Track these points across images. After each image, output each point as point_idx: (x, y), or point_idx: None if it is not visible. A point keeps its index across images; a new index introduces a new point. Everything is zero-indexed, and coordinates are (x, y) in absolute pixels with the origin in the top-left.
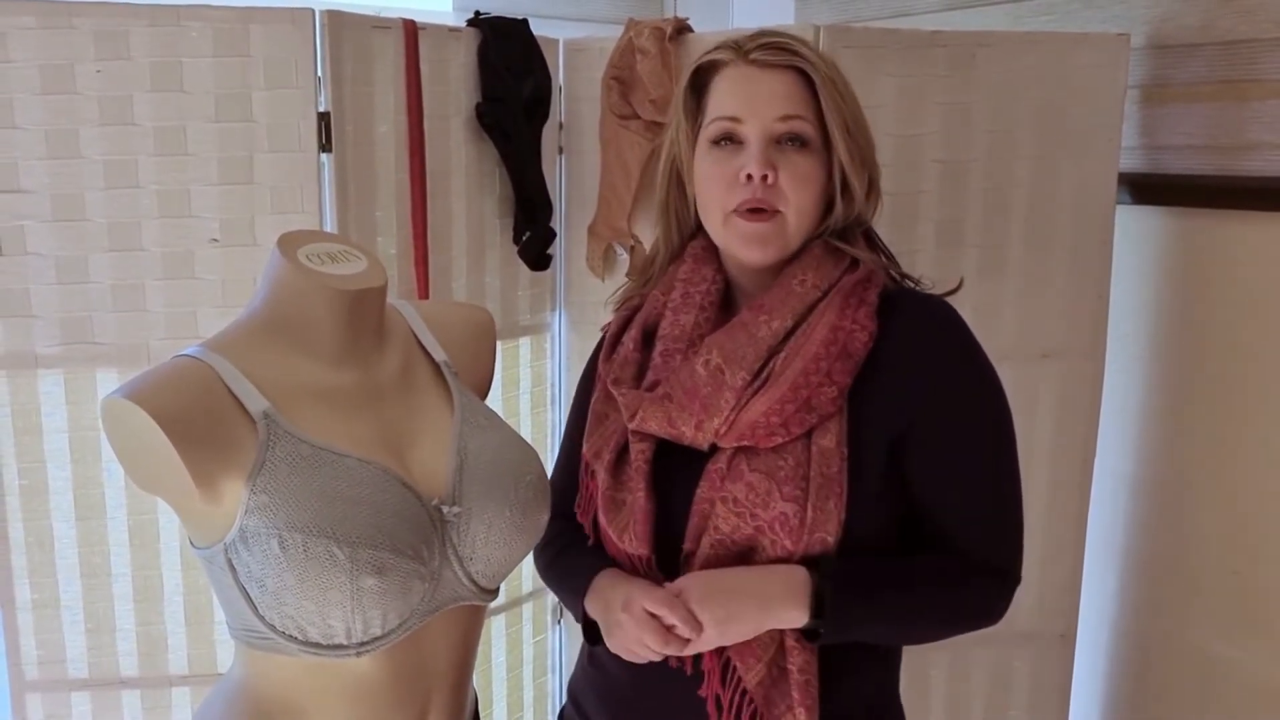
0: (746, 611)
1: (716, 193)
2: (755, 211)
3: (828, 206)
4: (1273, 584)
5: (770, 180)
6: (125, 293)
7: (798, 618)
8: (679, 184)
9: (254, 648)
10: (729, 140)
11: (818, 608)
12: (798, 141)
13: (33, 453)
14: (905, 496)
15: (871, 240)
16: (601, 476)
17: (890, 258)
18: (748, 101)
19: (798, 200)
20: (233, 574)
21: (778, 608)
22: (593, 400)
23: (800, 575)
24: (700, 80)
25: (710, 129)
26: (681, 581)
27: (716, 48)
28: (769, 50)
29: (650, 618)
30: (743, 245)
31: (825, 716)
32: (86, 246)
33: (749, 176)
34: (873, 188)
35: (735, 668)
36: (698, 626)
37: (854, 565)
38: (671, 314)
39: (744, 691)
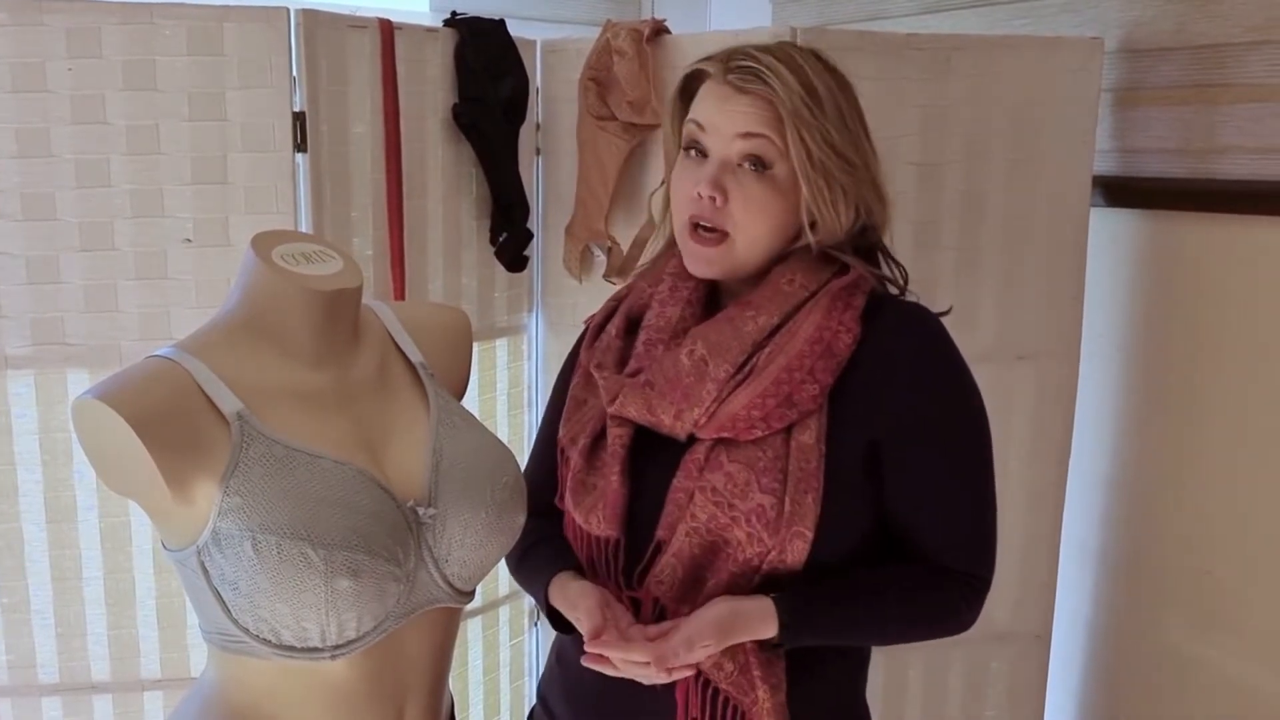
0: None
1: (678, 202)
2: (708, 231)
3: (800, 229)
4: (1245, 583)
5: (719, 203)
6: (97, 293)
7: (767, 633)
8: None
9: (227, 651)
10: (696, 149)
11: (780, 631)
12: (759, 166)
13: (2, 455)
14: (880, 500)
15: (872, 255)
16: (575, 460)
17: (904, 271)
18: (713, 117)
19: (747, 225)
20: (205, 576)
21: (748, 636)
22: (572, 386)
23: (766, 611)
24: (689, 87)
25: (685, 130)
26: (668, 643)
27: (706, 57)
28: (744, 75)
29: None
30: (690, 261)
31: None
32: (58, 246)
33: (699, 195)
34: (859, 215)
35: (703, 671)
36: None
37: (815, 590)
38: (658, 305)
39: (707, 682)
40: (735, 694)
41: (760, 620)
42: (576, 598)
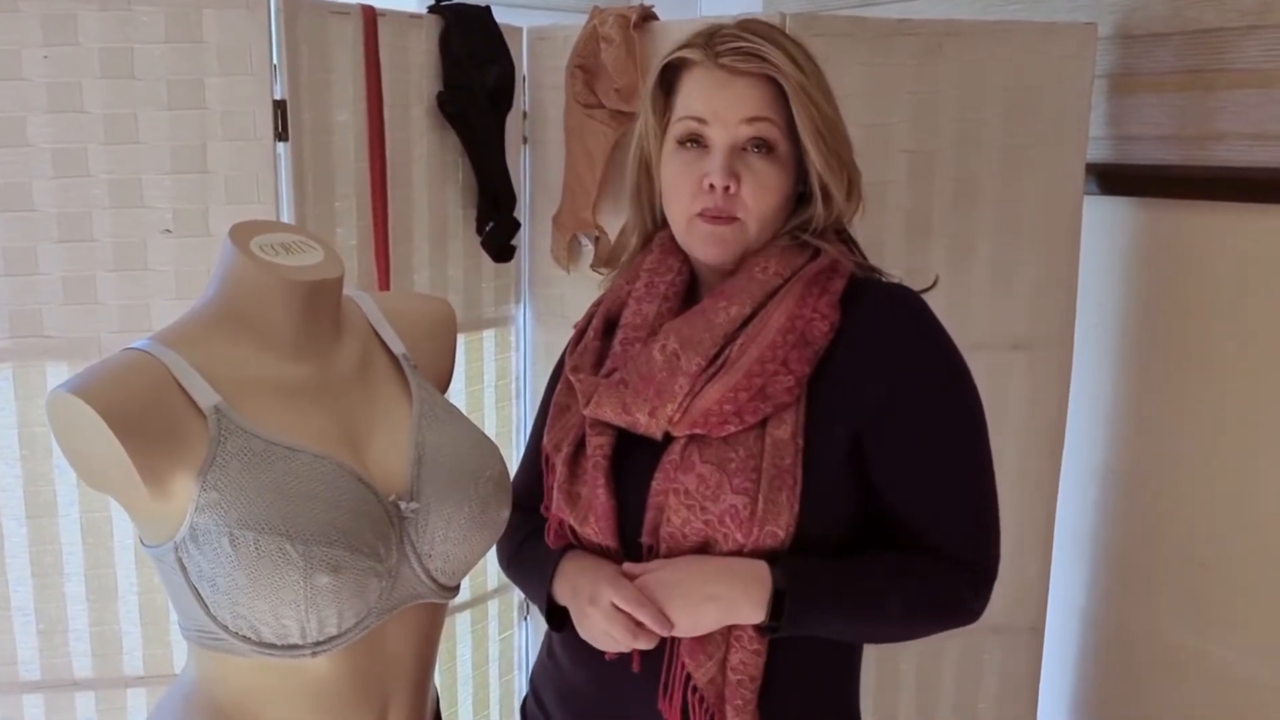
0: (709, 613)
1: (681, 196)
2: (716, 218)
3: (798, 204)
4: (1239, 575)
5: (732, 190)
6: (76, 285)
7: (754, 615)
8: (649, 174)
9: (207, 648)
10: (694, 142)
11: (776, 606)
12: (764, 147)
13: None
14: (870, 491)
15: (842, 238)
16: (559, 469)
17: (861, 254)
18: (714, 105)
19: (759, 209)
20: (183, 573)
21: (738, 607)
22: (555, 392)
23: (760, 571)
24: (669, 77)
25: (676, 127)
26: (645, 576)
27: (686, 44)
28: (739, 56)
29: (618, 612)
30: (702, 245)
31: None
32: (35, 237)
33: (711, 185)
34: (853, 190)
35: (684, 664)
36: (667, 624)
37: (816, 563)
38: (634, 303)
39: (695, 688)
40: (719, 707)
41: (752, 580)
42: (598, 575)
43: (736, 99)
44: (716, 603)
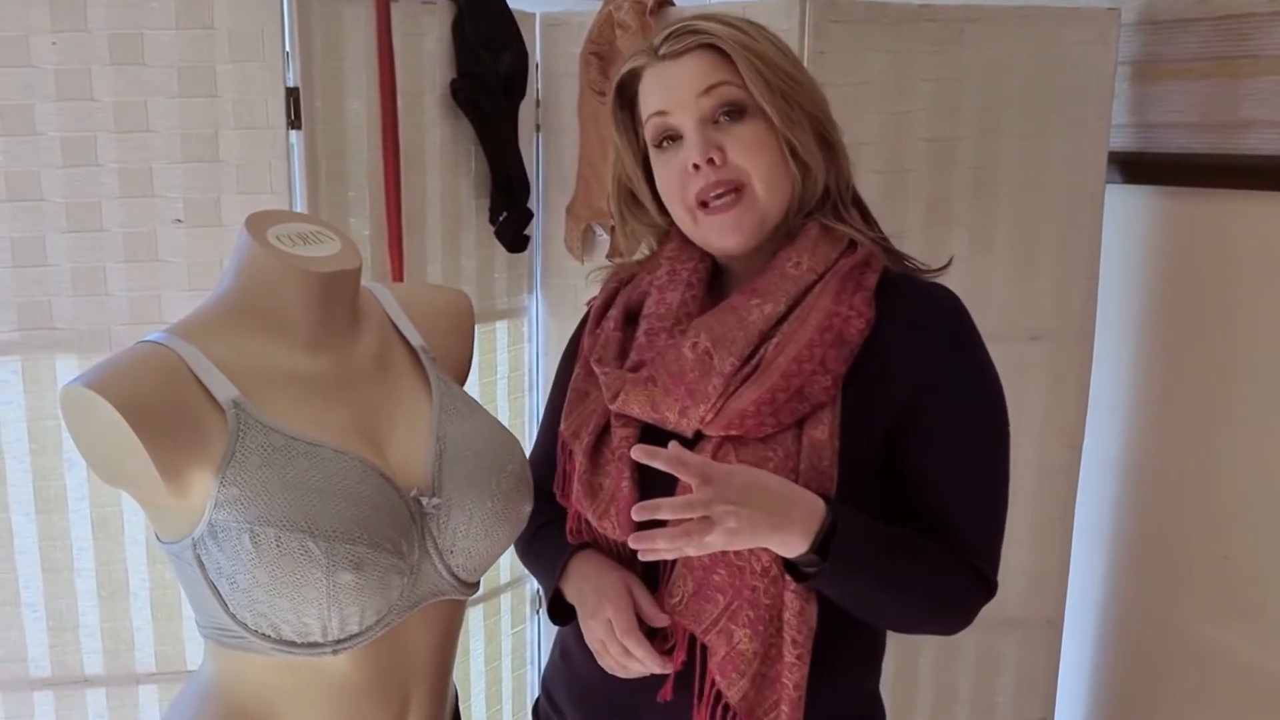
0: (761, 523)
1: (675, 195)
2: (719, 197)
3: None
4: (1262, 568)
5: (719, 161)
6: (85, 276)
7: (800, 543)
8: (631, 197)
9: (225, 646)
10: (669, 139)
11: (822, 546)
12: (735, 111)
13: None
14: (897, 488)
15: (864, 214)
16: (579, 459)
17: (878, 229)
18: (668, 91)
19: (757, 168)
20: (202, 570)
21: (788, 531)
22: (573, 377)
23: (816, 505)
24: (627, 94)
25: (648, 131)
26: (716, 466)
27: (631, 59)
28: (674, 39)
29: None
30: (717, 236)
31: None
32: (44, 227)
33: (695, 166)
34: (833, 148)
35: (715, 681)
36: (662, 662)
37: (864, 517)
38: (657, 292)
39: (719, 694)
40: (744, 712)
41: (803, 510)
42: (603, 584)
43: (686, 76)
44: (769, 518)
